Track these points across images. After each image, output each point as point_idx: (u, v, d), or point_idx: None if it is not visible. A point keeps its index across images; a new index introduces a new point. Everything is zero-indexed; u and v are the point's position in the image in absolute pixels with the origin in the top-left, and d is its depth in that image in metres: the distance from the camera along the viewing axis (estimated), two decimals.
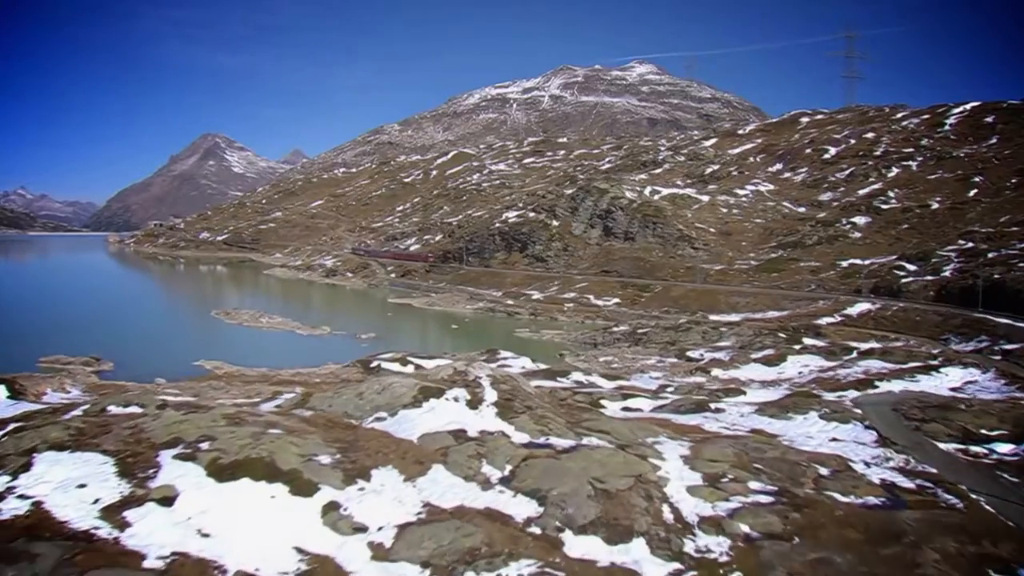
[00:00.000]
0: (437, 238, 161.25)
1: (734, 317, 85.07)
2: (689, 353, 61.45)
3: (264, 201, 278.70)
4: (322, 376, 55.98)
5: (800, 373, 52.92)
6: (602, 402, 36.88)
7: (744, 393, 43.01)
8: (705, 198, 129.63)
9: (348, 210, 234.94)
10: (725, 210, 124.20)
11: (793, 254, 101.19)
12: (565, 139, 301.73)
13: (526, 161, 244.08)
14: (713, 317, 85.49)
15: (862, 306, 74.68)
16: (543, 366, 56.66)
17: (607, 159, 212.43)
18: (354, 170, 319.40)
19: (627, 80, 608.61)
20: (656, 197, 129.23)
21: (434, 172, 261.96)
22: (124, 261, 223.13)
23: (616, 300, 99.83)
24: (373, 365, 55.73)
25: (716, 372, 55.33)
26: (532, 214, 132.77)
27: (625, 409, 35.88)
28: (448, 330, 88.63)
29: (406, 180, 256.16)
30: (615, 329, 76.85)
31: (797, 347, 58.57)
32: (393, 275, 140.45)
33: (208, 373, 56.59)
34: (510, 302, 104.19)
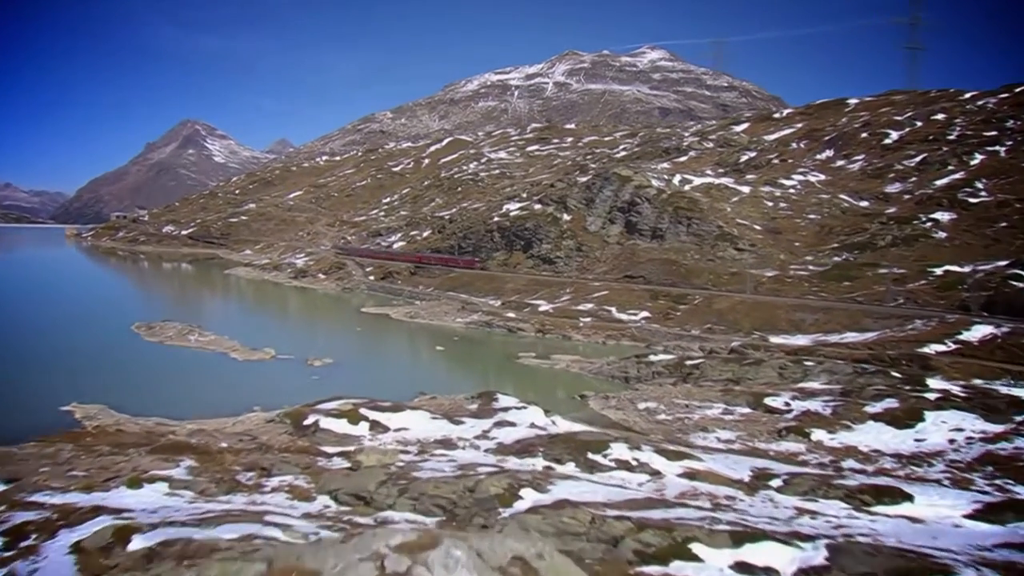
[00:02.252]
0: (425, 234, 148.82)
1: (801, 340, 69.00)
2: (769, 401, 44.81)
3: (237, 191, 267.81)
4: (232, 436, 39.68)
5: (953, 443, 36.31)
6: (693, 548, 19.89)
7: (908, 499, 26.45)
8: (745, 189, 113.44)
9: (329, 202, 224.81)
10: (771, 203, 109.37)
11: (863, 257, 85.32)
12: (572, 125, 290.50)
13: (529, 149, 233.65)
14: (774, 339, 69.82)
15: (982, 329, 58.14)
16: (561, 426, 40.18)
17: (621, 147, 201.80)
18: (338, 158, 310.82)
19: (637, 67, 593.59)
20: (687, 187, 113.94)
21: (426, 161, 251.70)
22: (74, 258, 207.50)
23: (645, 314, 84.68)
24: (309, 422, 39.32)
25: (818, 435, 38.87)
26: (538, 206, 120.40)
27: (743, 570, 18.91)
28: (431, 353, 73.23)
29: (395, 169, 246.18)
30: (654, 358, 60.31)
31: (930, 396, 41.86)
32: (372, 277, 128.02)
33: (72, 428, 40.27)
34: (511, 314, 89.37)
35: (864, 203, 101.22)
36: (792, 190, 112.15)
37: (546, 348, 73.37)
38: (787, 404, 43.89)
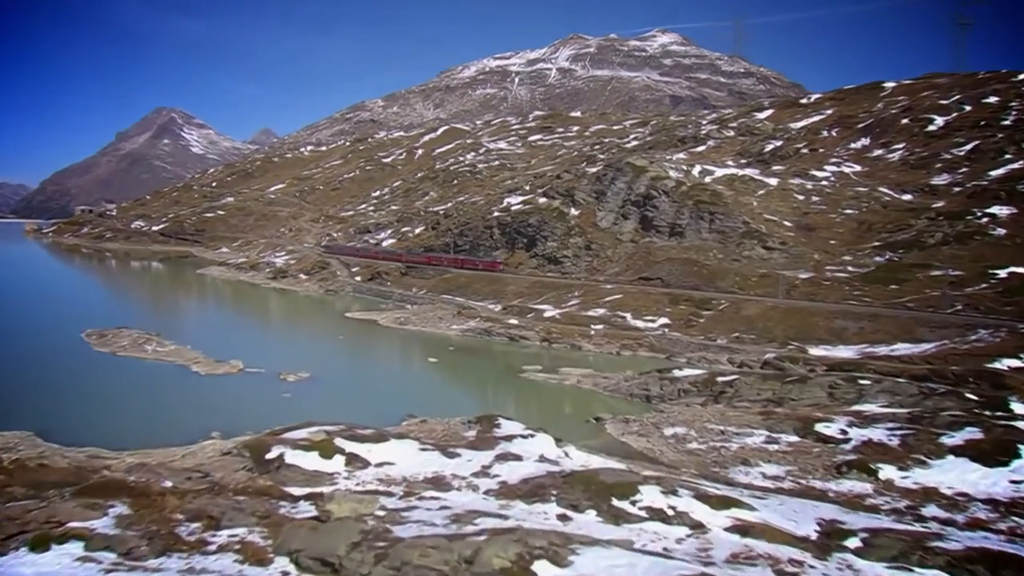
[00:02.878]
0: (418, 230, 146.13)
1: (844, 351, 64.83)
2: (821, 427, 40.38)
3: (214, 184, 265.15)
4: (180, 472, 34.96)
5: None
6: None
7: None
8: (772, 181, 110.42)
9: (314, 196, 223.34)
10: (801, 197, 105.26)
11: (910, 257, 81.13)
12: (578, 113, 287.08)
13: (532, 139, 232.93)
14: (814, 351, 65.81)
15: None
16: (575, 458, 35.94)
17: (632, 136, 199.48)
18: (324, 148, 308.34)
19: (647, 52, 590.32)
20: (708, 179, 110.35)
21: (420, 151, 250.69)
22: (31, 255, 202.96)
23: (663, 321, 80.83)
24: (272, 455, 35.02)
25: (887, 472, 34.50)
26: (543, 200, 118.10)
27: None
28: (423, 365, 68.88)
29: (385, 160, 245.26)
30: (679, 373, 55.97)
31: (1020, 424, 37.41)
32: (358, 278, 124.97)
33: None
34: (513, 321, 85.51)
35: (908, 196, 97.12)
36: (825, 182, 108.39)
37: (553, 360, 69.21)
38: (843, 432, 39.46)
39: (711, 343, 73.22)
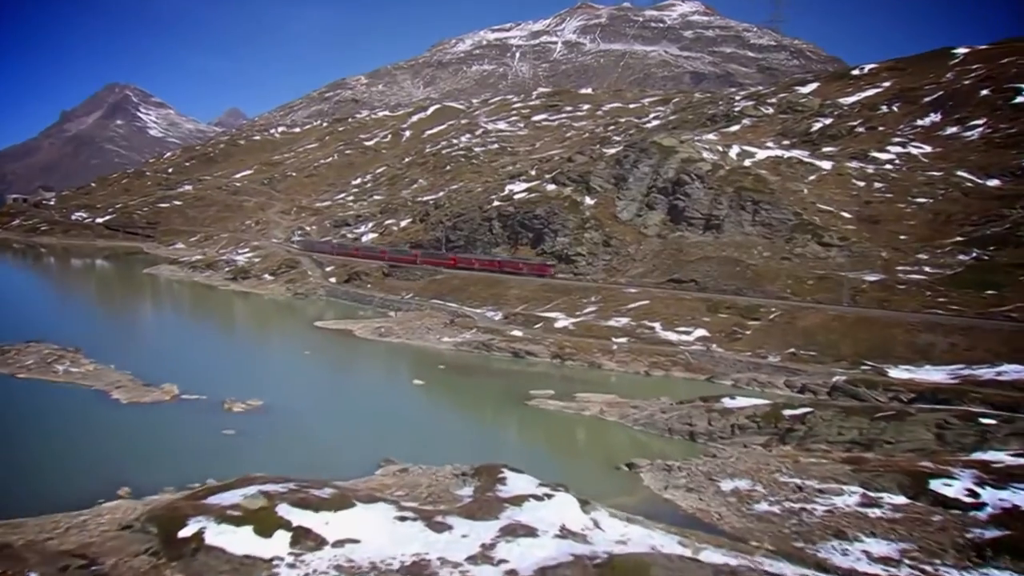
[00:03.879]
0: (404, 223, 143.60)
1: (934, 373, 58.79)
2: (938, 486, 33.55)
3: (170, 170, 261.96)
4: (56, 557, 29.00)
5: None
6: None
7: None
8: (825, 165, 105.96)
9: (285, 184, 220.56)
10: (861, 183, 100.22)
11: (1005, 255, 75.36)
12: (589, 90, 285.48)
13: (536, 119, 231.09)
14: (894, 373, 59.53)
15: None
16: (609, 530, 29.63)
17: (652, 115, 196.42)
18: (297, 130, 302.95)
19: (665, 22, 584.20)
20: (748, 162, 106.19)
21: (407, 133, 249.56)
22: None
23: (701, 333, 75.62)
24: (189, 531, 28.55)
25: None
26: (552, 187, 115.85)
27: None
28: (406, 389, 62.92)
29: (368, 143, 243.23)
30: (730, 403, 49.67)
31: None
32: (333, 279, 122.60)
33: None
34: (517, 332, 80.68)
35: (994, 182, 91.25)
36: (889, 166, 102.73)
37: (567, 382, 64.22)
38: (972, 493, 32.63)
39: (762, 361, 67.73)
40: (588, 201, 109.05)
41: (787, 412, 45.48)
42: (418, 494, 35.53)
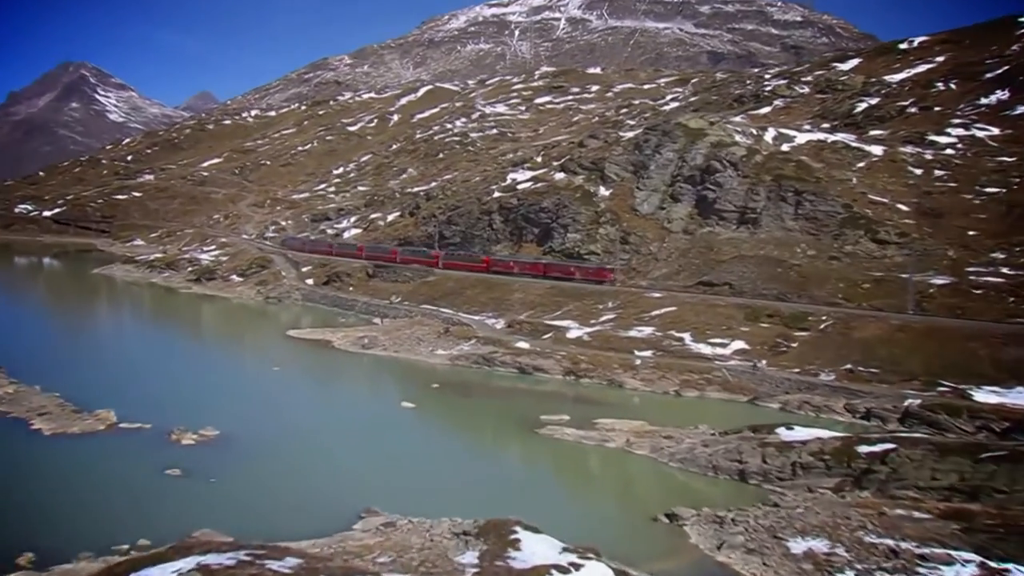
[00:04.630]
0: (391, 217, 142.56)
1: None
2: None
3: (130, 158, 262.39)
4: None
5: None
6: None
7: None
8: (876, 150, 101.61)
9: (258, 173, 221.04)
10: (919, 171, 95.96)
11: None
12: (598, 69, 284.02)
13: (539, 101, 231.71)
14: (980, 396, 56.32)
15: None
16: None
17: (669, 97, 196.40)
18: (273, 114, 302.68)
19: None
20: (787, 147, 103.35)
21: (395, 117, 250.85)
22: None
23: (739, 345, 71.84)
24: None
25: None
26: (560, 175, 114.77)
27: None
28: (394, 414, 58.24)
29: (351, 129, 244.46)
30: (787, 434, 45.28)
31: None
32: (310, 281, 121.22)
33: None
34: (523, 344, 77.33)
35: None
36: (950, 150, 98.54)
37: (584, 404, 60.88)
38: None
39: (813, 380, 63.56)
40: (603, 192, 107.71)
41: (863, 449, 40.65)
42: (408, 560, 30.69)
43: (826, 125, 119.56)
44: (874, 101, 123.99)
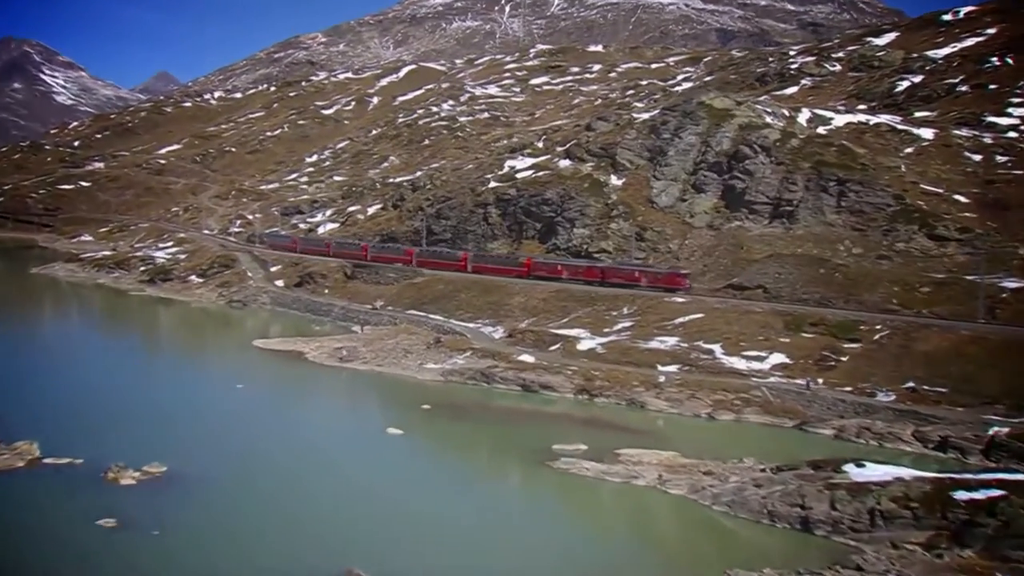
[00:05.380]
0: (372, 210, 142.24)
1: None
2: None
3: (77, 144, 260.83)
4: None
5: None
6: None
7: None
8: (926, 134, 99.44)
9: (222, 162, 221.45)
10: (977, 157, 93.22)
11: None
12: (599, 47, 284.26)
13: (535, 82, 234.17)
14: None
15: None
16: None
17: (681, 76, 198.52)
18: (239, 95, 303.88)
19: None
20: (823, 130, 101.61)
21: (375, 100, 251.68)
22: None
23: (778, 359, 69.60)
24: None
25: None
26: (565, 163, 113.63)
27: None
28: (378, 443, 55.78)
29: (326, 112, 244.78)
30: (859, 474, 41.73)
31: None
32: (280, 282, 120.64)
33: None
34: (527, 357, 75.33)
35: None
36: (1014, 133, 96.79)
37: (601, 428, 59.07)
38: None
39: (871, 400, 60.78)
40: (614, 181, 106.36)
41: (961, 495, 36.60)
42: None
43: (862, 106, 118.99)
44: (917, 79, 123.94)
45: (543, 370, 71.85)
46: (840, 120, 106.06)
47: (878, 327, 70.19)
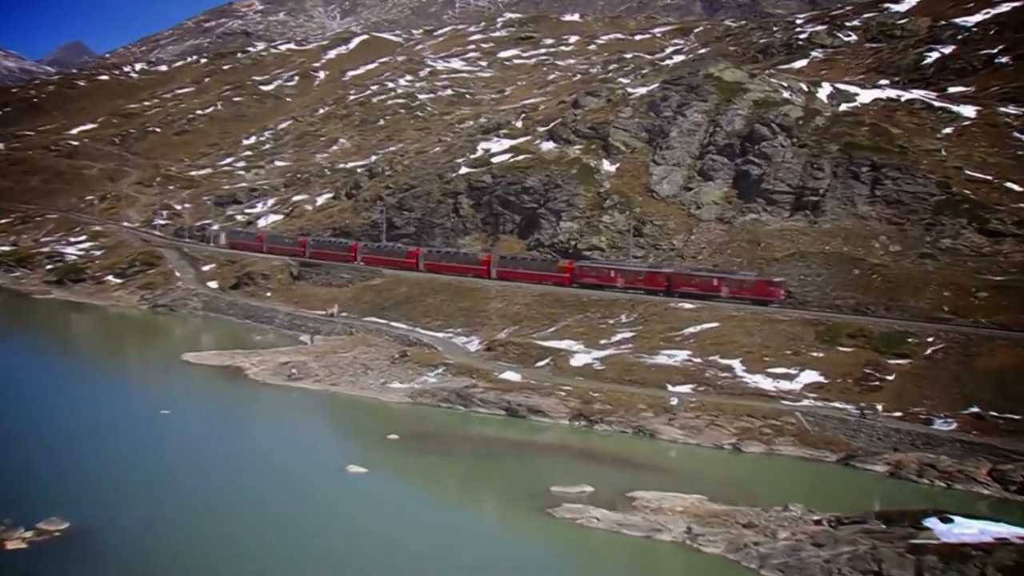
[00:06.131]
0: (321, 200, 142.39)
1: None
2: None
3: None
4: None
5: None
6: None
7: None
8: (967, 112, 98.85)
9: (145, 143, 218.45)
10: None
11: None
12: (576, 16, 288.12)
13: (504, 55, 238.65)
14: None
15: None
16: None
17: (670, 48, 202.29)
18: (164, 69, 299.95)
19: None
20: (846, 107, 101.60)
21: (321, 75, 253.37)
22: None
23: (810, 377, 67.09)
24: None
25: None
26: (549, 145, 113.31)
27: None
28: (338, 486, 51.66)
29: (265, 88, 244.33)
30: (946, 531, 38.86)
31: None
32: (214, 283, 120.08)
33: None
34: (511, 375, 73.11)
35: None
36: None
37: (605, 464, 56.68)
38: None
39: (930, 430, 57.39)
40: (607, 167, 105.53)
41: None
42: None
43: (884, 81, 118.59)
44: (947, 50, 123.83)
45: (531, 391, 69.27)
46: (866, 96, 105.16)
47: (930, 339, 67.59)
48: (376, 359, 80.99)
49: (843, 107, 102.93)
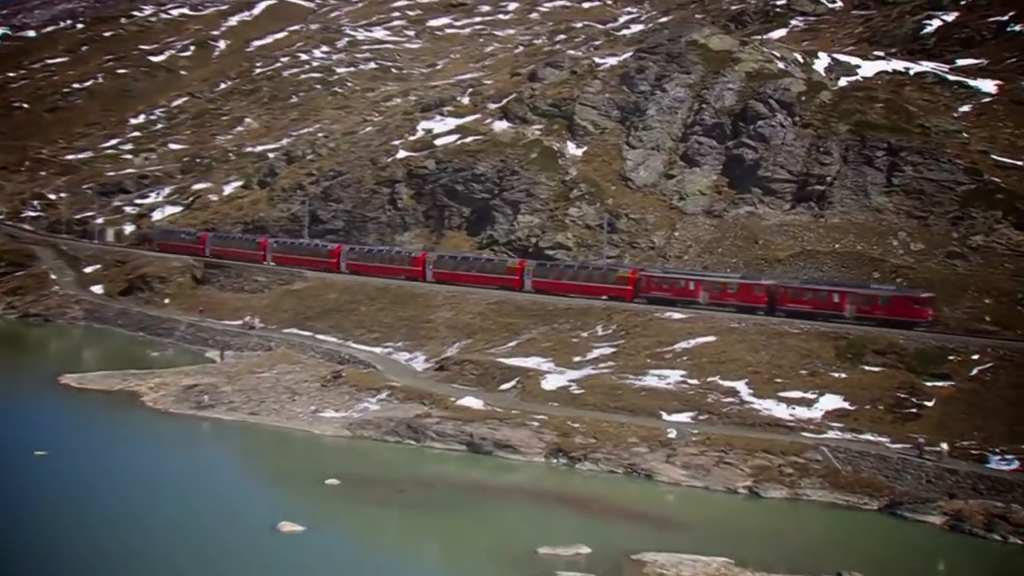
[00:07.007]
0: (229, 189, 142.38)
1: None
2: None
3: None
4: None
5: None
6: None
7: None
8: (986, 86, 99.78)
9: (10, 122, 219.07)
10: None
11: None
12: None
13: (434, 24, 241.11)
14: None
15: None
16: None
17: (625, 17, 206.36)
18: (32, 35, 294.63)
19: None
20: (845, 81, 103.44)
21: (222, 44, 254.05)
22: None
23: (835, 403, 64.97)
24: None
25: None
26: (502, 125, 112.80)
27: None
28: (263, 550, 46.84)
29: (155, 59, 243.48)
30: None
31: None
32: (99, 287, 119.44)
33: None
34: (471, 400, 70.43)
35: None
36: None
37: (594, 513, 53.15)
38: None
39: (991, 471, 54.25)
40: (572, 150, 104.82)
41: None
42: None
43: (879, 53, 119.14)
44: (950, 17, 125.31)
45: (498, 421, 66.17)
46: (868, 69, 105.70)
47: (975, 357, 65.40)
48: (303, 381, 77.92)
49: (843, 81, 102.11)
